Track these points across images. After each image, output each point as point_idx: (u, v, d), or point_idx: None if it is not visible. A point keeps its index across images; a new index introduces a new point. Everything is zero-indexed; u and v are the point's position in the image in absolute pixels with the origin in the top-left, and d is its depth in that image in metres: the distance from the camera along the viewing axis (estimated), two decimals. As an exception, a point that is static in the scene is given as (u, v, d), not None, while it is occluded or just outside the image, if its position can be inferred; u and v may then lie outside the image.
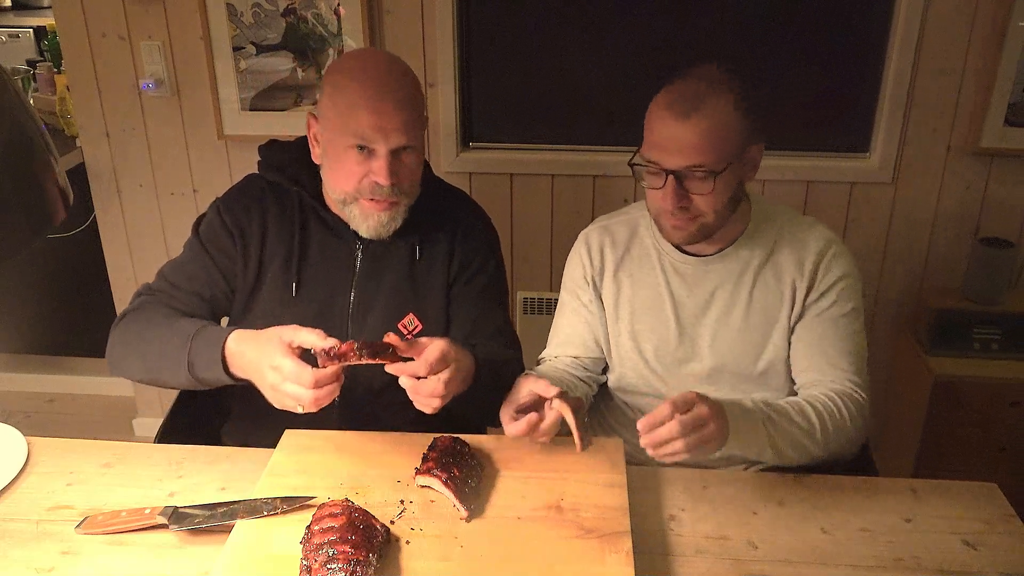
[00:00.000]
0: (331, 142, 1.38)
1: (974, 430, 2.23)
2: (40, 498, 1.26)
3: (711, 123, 1.28)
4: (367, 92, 1.33)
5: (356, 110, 1.33)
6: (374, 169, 1.35)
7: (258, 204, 1.50)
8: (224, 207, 1.50)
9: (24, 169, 1.11)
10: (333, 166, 1.39)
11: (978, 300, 2.26)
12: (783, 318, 1.41)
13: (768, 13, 2.24)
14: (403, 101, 1.34)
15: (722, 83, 1.31)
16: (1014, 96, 2.17)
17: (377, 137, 1.33)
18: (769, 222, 1.45)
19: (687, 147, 1.28)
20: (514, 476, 1.26)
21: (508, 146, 2.42)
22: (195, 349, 1.29)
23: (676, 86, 1.33)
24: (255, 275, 1.48)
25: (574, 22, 2.29)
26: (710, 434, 1.13)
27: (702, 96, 1.29)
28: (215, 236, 1.49)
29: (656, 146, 1.32)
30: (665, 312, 1.46)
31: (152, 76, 2.38)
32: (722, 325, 1.43)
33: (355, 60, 1.41)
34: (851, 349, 1.39)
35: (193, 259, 1.50)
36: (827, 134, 2.34)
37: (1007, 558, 1.14)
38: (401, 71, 1.39)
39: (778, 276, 1.42)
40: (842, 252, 1.42)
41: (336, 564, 1.01)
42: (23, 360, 3.21)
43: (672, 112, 1.29)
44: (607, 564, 1.07)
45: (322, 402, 1.17)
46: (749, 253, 1.43)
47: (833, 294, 1.40)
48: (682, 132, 1.28)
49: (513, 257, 2.51)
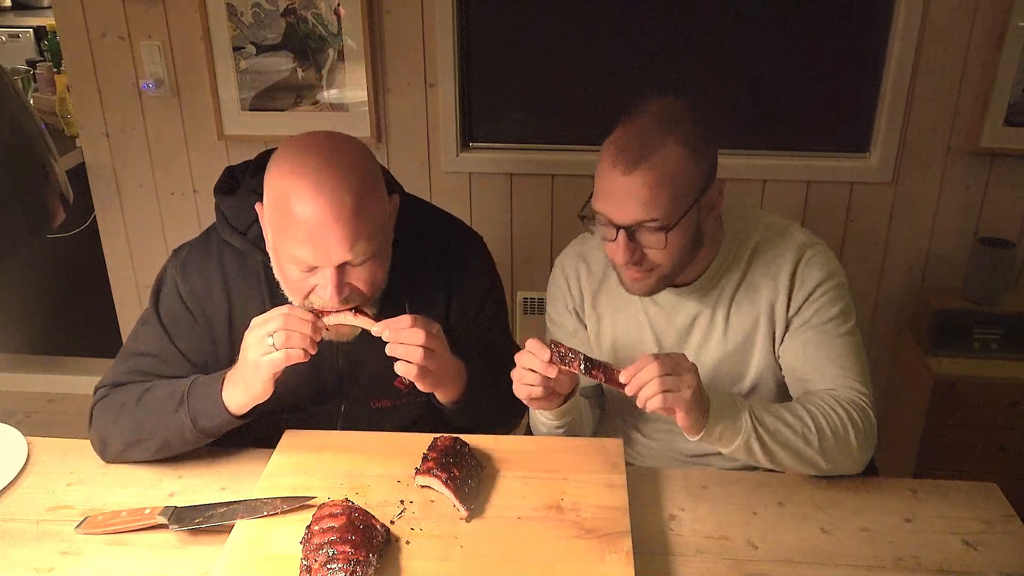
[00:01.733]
0: (274, 251, 1.23)
1: (974, 430, 2.23)
2: (40, 498, 1.26)
3: (660, 175, 1.19)
4: (303, 205, 1.13)
5: (294, 227, 1.14)
6: (320, 286, 1.19)
7: (219, 269, 1.35)
8: (182, 279, 1.35)
9: (24, 169, 1.11)
10: (280, 274, 1.25)
11: (978, 300, 2.26)
12: (761, 338, 1.37)
13: (768, 13, 2.24)
14: (345, 211, 1.14)
15: (672, 125, 1.21)
16: (1014, 96, 2.18)
17: (318, 257, 1.16)
18: (743, 241, 1.37)
19: (635, 202, 1.20)
20: (514, 476, 1.26)
21: (508, 146, 2.42)
22: (193, 402, 1.24)
23: (622, 133, 1.23)
24: (227, 351, 1.35)
25: (574, 22, 2.29)
26: (687, 382, 1.13)
27: (649, 145, 1.19)
28: (175, 319, 1.35)
29: (604, 200, 1.23)
30: (647, 343, 1.42)
31: (152, 76, 2.38)
32: (703, 352, 1.40)
33: (292, 159, 1.17)
34: (844, 353, 1.32)
35: (157, 344, 1.35)
36: (827, 134, 2.34)
37: (1007, 558, 1.14)
38: (346, 170, 1.16)
39: (752, 297, 1.36)
40: (816, 254, 1.35)
41: (336, 564, 1.01)
42: (23, 360, 3.21)
43: (617, 165, 1.20)
44: (607, 564, 1.07)
45: (294, 323, 1.17)
46: (724, 278, 1.37)
47: (814, 302, 1.33)
48: (629, 186, 1.19)
49: (513, 257, 2.51)
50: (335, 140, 1.21)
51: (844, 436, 1.23)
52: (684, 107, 1.25)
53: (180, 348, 1.35)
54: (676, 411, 1.14)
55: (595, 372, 1.19)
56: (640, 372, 1.14)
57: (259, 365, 1.19)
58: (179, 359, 1.35)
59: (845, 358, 1.32)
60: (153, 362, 1.35)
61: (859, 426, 1.25)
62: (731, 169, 2.34)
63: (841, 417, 1.24)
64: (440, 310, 1.41)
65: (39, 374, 3.13)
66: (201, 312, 1.35)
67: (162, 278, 1.38)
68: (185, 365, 1.36)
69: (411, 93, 2.36)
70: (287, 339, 1.17)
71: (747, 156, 2.35)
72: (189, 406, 1.25)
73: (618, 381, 1.17)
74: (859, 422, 1.25)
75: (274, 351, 1.17)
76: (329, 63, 2.34)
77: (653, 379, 1.12)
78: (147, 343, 1.36)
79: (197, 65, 2.37)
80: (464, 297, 1.42)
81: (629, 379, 1.15)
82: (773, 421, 1.21)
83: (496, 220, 2.47)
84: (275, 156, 1.21)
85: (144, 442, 1.29)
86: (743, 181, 2.36)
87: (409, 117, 2.39)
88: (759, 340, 1.37)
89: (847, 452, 1.24)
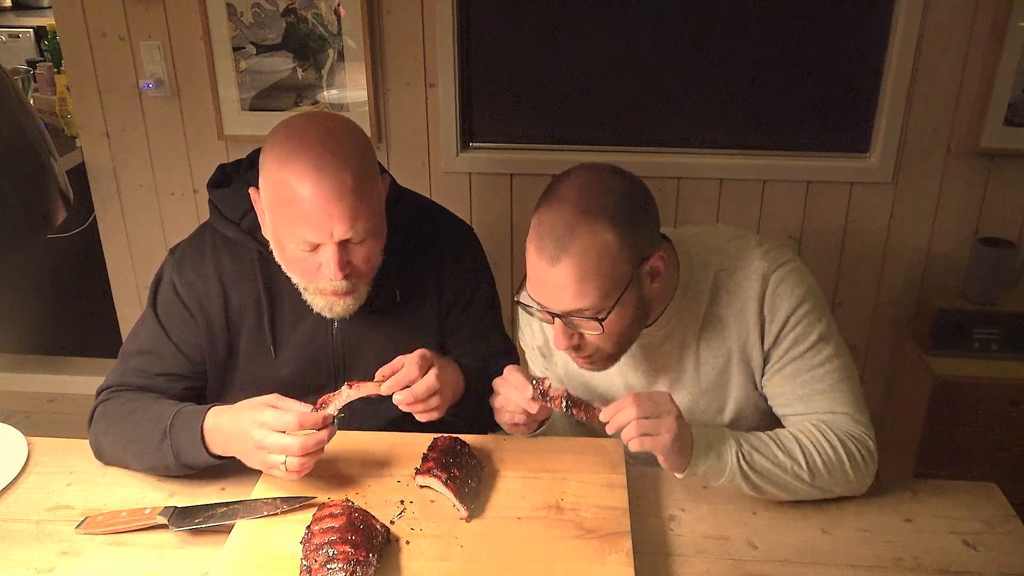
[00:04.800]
0: (275, 236, 1.25)
1: (974, 430, 2.23)
2: (40, 498, 1.26)
3: (585, 264, 1.11)
4: (304, 185, 1.16)
5: (296, 208, 1.17)
6: (324, 265, 1.21)
7: (213, 263, 1.36)
8: (178, 276, 1.36)
9: (24, 169, 1.10)
10: (282, 258, 1.27)
11: (978, 300, 2.26)
12: (736, 373, 1.30)
13: (768, 14, 2.24)
14: (345, 188, 1.16)
15: (595, 203, 1.11)
16: (1014, 96, 2.17)
17: (322, 236, 1.18)
18: (700, 277, 1.28)
19: (564, 293, 1.13)
20: (514, 476, 1.26)
21: (508, 146, 2.43)
22: (175, 438, 1.22)
23: (544, 216, 1.14)
24: (225, 344, 1.37)
25: (574, 22, 2.29)
26: (666, 425, 1.11)
27: (571, 231, 1.10)
28: (172, 316, 1.36)
29: (535, 288, 1.17)
30: (617, 386, 1.38)
31: (152, 76, 2.38)
32: (676, 391, 1.34)
33: (289, 141, 1.19)
34: (831, 383, 1.25)
35: (154, 341, 1.36)
36: (827, 134, 2.34)
37: (1007, 558, 1.14)
38: (344, 149, 1.19)
39: (721, 332, 1.29)
40: (782, 280, 1.25)
41: (336, 564, 1.01)
42: (23, 360, 3.21)
43: (541, 255, 1.13)
44: (607, 564, 1.07)
45: (308, 449, 1.13)
46: (686, 314, 1.29)
47: (789, 333, 1.25)
48: (555, 277, 1.12)
49: (513, 257, 2.51)
50: (330, 120, 1.24)
51: (839, 468, 1.20)
52: (609, 179, 1.16)
53: (178, 345, 1.36)
54: (656, 453, 1.14)
55: (576, 411, 1.20)
56: (619, 414, 1.13)
57: (262, 466, 1.19)
58: (177, 356, 1.36)
59: (832, 387, 1.25)
60: (152, 360, 1.36)
61: (855, 457, 1.21)
62: (731, 169, 2.36)
63: (836, 449, 1.20)
64: (431, 299, 1.41)
65: (39, 374, 3.13)
66: (198, 307, 1.36)
67: (159, 277, 1.40)
68: (183, 362, 1.37)
69: (411, 93, 2.36)
70: (300, 467, 1.16)
71: (747, 156, 2.35)
72: (172, 440, 1.23)
73: (599, 420, 1.17)
74: (855, 452, 1.21)
75: (282, 468, 1.15)
76: (329, 63, 2.34)
77: (631, 422, 1.12)
78: (145, 341, 1.37)
79: (197, 65, 2.37)
80: (455, 286, 1.43)
81: (609, 419, 1.14)
82: (762, 460, 1.18)
83: (496, 220, 2.47)
84: (271, 140, 1.22)
85: (134, 463, 1.30)
86: (743, 181, 2.36)
87: (409, 117, 2.39)
88: (734, 375, 1.31)
89: (843, 483, 1.22)
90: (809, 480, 1.19)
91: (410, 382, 1.20)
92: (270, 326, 1.37)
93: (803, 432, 1.23)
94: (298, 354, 1.38)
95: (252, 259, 1.35)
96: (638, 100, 2.35)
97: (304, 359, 1.39)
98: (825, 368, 1.26)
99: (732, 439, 1.18)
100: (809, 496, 1.22)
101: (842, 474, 1.21)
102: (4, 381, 3.13)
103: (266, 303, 1.36)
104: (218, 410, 1.23)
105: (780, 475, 1.19)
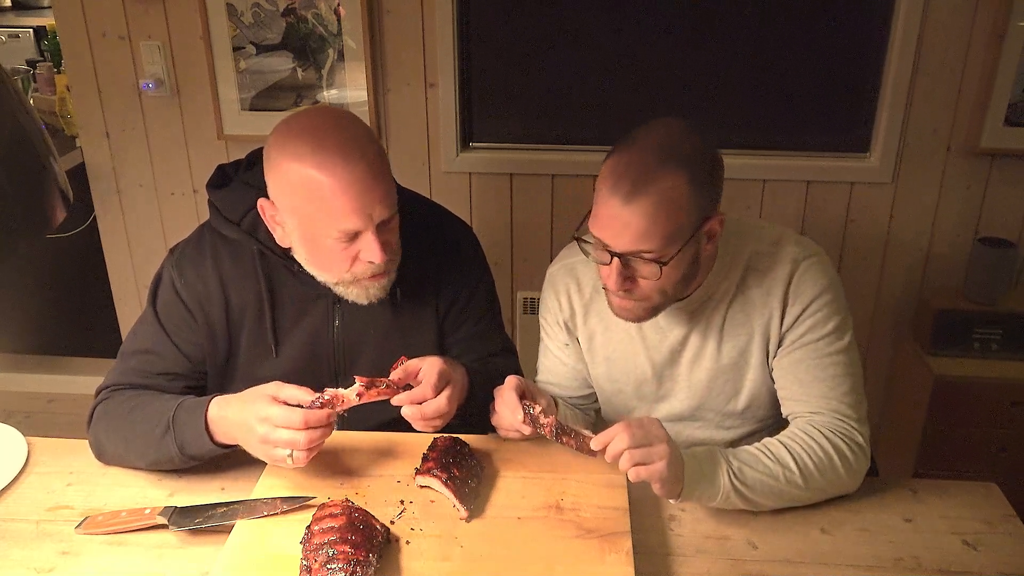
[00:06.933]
0: (307, 236, 1.25)
1: (974, 430, 2.23)
2: (40, 498, 1.26)
3: (659, 206, 1.14)
4: (334, 176, 1.17)
5: (333, 201, 1.18)
6: (364, 250, 1.23)
7: (213, 263, 1.36)
8: (177, 276, 1.36)
9: (24, 169, 1.10)
10: (315, 257, 1.27)
11: (978, 300, 2.26)
12: (756, 353, 1.33)
13: (769, 13, 2.24)
14: (374, 170, 1.19)
15: (675, 153, 1.15)
16: (1014, 96, 2.18)
17: (363, 221, 1.20)
18: (736, 255, 1.32)
19: (632, 232, 1.15)
20: (514, 476, 1.26)
21: (508, 146, 2.42)
22: (179, 430, 1.23)
23: (622, 157, 1.17)
24: (226, 344, 1.38)
25: (574, 22, 2.29)
26: (658, 453, 1.12)
27: (650, 173, 1.14)
28: (172, 315, 1.37)
29: (600, 225, 1.19)
30: (639, 357, 1.40)
31: (152, 76, 2.38)
32: (696, 367, 1.37)
33: (301, 138, 1.20)
34: (835, 373, 1.28)
35: (154, 341, 1.37)
36: (827, 134, 2.34)
37: (1007, 558, 1.14)
38: (359, 132, 1.22)
39: (747, 312, 1.32)
40: (811, 267, 1.30)
41: (336, 564, 1.01)
42: (23, 360, 3.21)
43: (616, 193, 1.15)
44: (607, 564, 1.07)
45: (315, 441, 1.15)
46: (717, 293, 1.33)
47: (807, 319, 1.29)
48: (626, 216, 1.14)
49: (513, 257, 2.51)
50: (332, 110, 1.26)
51: (831, 468, 1.22)
52: (690, 133, 1.19)
53: (177, 345, 1.36)
54: (651, 482, 1.14)
55: (566, 439, 1.20)
56: (612, 443, 1.13)
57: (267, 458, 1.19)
58: (177, 355, 1.36)
59: (835, 378, 1.28)
60: (152, 359, 1.36)
61: (845, 454, 1.23)
62: (731, 169, 2.33)
63: (825, 449, 1.22)
64: (431, 298, 1.42)
65: (39, 374, 3.13)
66: (198, 307, 1.36)
67: (159, 277, 1.40)
68: (183, 361, 1.37)
69: (411, 93, 2.36)
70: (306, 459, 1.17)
71: (747, 156, 2.35)
72: (176, 432, 1.23)
73: (590, 449, 1.17)
74: (845, 449, 1.23)
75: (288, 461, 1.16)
76: (329, 63, 2.34)
77: (624, 451, 1.12)
78: (145, 341, 1.38)
79: (197, 65, 2.37)
80: (454, 284, 1.43)
81: (600, 447, 1.15)
82: (753, 474, 1.18)
83: (496, 220, 2.47)
84: (278, 142, 1.22)
85: (136, 459, 1.30)
86: (743, 181, 2.36)
87: (409, 117, 2.39)
88: (754, 356, 1.34)
89: (836, 483, 1.23)
90: (803, 484, 1.20)
91: (423, 400, 1.21)
92: (271, 325, 1.37)
93: (790, 437, 1.24)
94: (299, 353, 1.39)
95: (252, 259, 1.36)
96: (638, 100, 2.35)
97: (305, 358, 1.39)
98: (832, 359, 1.29)
99: (722, 457, 1.19)
100: (804, 502, 1.22)
101: (833, 473, 1.22)
102: (4, 381, 3.13)
103: (267, 302, 1.36)
104: (220, 401, 1.23)
105: (773, 484, 1.19)
